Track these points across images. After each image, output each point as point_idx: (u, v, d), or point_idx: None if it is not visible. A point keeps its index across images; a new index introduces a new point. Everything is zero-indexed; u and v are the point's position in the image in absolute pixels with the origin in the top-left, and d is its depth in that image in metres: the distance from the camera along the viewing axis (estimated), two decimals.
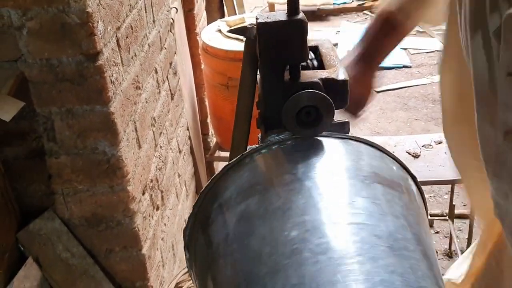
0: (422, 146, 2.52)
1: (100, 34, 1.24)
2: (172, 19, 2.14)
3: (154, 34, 1.78)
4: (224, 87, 2.63)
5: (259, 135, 0.96)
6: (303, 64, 0.85)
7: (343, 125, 0.87)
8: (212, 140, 3.06)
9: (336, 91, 0.82)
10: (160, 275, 1.74)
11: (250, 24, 0.99)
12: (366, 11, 6.14)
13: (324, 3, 5.92)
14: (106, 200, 1.43)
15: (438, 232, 2.84)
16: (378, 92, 4.31)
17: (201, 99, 2.91)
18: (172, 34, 2.11)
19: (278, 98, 0.81)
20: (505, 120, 0.74)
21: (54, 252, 1.43)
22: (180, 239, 2.10)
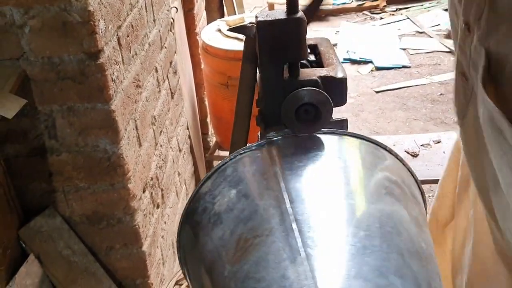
0: (421, 145, 2.54)
1: (101, 32, 1.25)
2: (172, 18, 2.15)
3: (154, 33, 1.79)
4: (224, 87, 2.64)
5: (259, 133, 0.98)
6: (302, 62, 0.86)
7: (342, 122, 0.88)
8: (212, 139, 3.07)
9: (335, 89, 0.83)
10: (160, 273, 1.75)
11: (250, 23, 1.00)
12: (365, 11, 6.15)
13: (323, 3, 5.93)
14: (106, 198, 1.44)
15: None
16: (377, 92, 4.33)
17: (200, 98, 2.92)
18: (172, 33, 2.12)
19: (278, 96, 0.82)
20: None
21: (55, 249, 1.44)
22: None
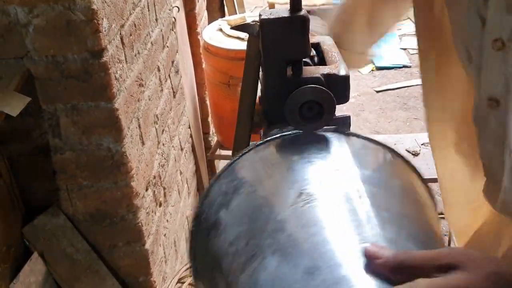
0: (422, 144, 2.54)
1: (105, 31, 1.26)
2: (174, 18, 2.16)
3: (156, 32, 1.80)
4: (225, 86, 2.64)
5: (262, 131, 0.98)
6: (305, 60, 0.87)
7: (344, 119, 0.89)
8: (213, 138, 3.08)
9: (338, 87, 0.84)
10: (163, 271, 1.76)
11: (253, 21, 1.01)
12: None
13: (324, 2, 5.94)
14: (110, 196, 1.45)
15: None
16: (378, 92, 4.33)
17: (202, 98, 2.93)
18: (174, 32, 2.13)
19: (281, 94, 0.83)
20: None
21: (58, 247, 1.44)
22: (182, 236, 2.12)
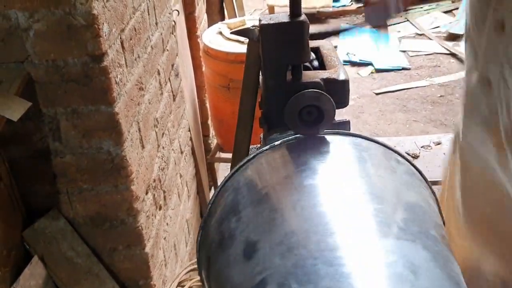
0: (421, 147, 2.55)
1: (105, 35, 1.26)
2: (174, 21, 2.16)
3: (156, 36, 1.80)
4: (225, 89, 2.65)
5: (261, 135, 0.99)
6: (304, 64, 0.88)
7: (344, 124, 0.89)
8: (213, 141, 3.08)
9: (337, 91, 0.85)
10: (163, 274, 1.76)
11: (253, 26, 1.01)
12: None
13: (323, 5, 5.94)
14: (110, 199, 1.45)
15: None
16: (377, 94, 4.34)
17: (202, 101, 2.94)
18: (174, 36, 2.14)
19: (281, 98, 0.83)
20: None
21: (59, 251, 1.45)
22: (182, 239, 2.12)
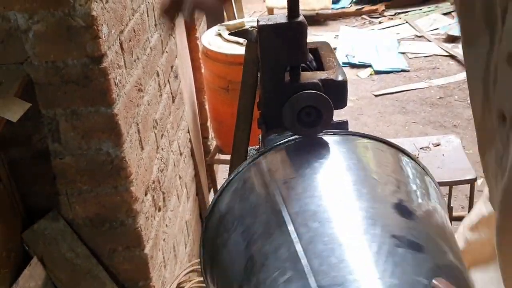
0: (420, 148, 2.55)
1: (104, 37, 1.26)
2: (173, 23, 2.16)
3: (155, 37, 1.81)
4: (224, 91, 2.65)
5: (260, 136, 0.99)
6: (303, 65, 0.88)
7: (342, 124, 0.89)
8: (212, 143, 3.09)
9: (335, 92, 0.85)
10: (162, 275, 1.76)
11: (251, 27, 1.02)
12: (364, 16, 6.17)
13: (322, 7, 5.95)
14: (109, 201, 1.45)
15: None
16: (376, 96, 4.34)
17: (201, 102, 2.94)
18: (173, 38, 2.14)
19: (279, 99, 0.84)
20: None
21: (58, 252, 1.45)
22: (181, 240, 2.12)
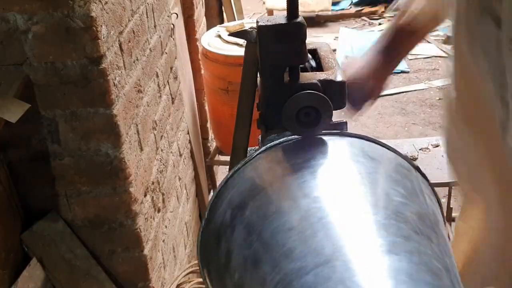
0: (420, 149, 2.55)
1: (103, 38, 1.26)
2: (173, 24, 2.17)
3: (155, 39, 1.81)
4: (224, 92, 2.65)
5: (259, 136, 0.99)
6: (302, 66, 0.88)
7: (341, 125, 0.89)
8: (212, 144, 3.09)
9: (335, 92, 0.85)
10: (162, 276, 1.76)
11: (251, 28, 1.02)
12: (364, 17, 6.18)
13: (322, 9, 5.96)
14: (108, 202, 1.45)
15: None
16: None
17: (201, 103, 2.94)
18: (173, 39, 2.14)
19: (278, 99, 0.83)
20: None
21: (57, 253, 1.45)
22: (181, 241, 2.12)
